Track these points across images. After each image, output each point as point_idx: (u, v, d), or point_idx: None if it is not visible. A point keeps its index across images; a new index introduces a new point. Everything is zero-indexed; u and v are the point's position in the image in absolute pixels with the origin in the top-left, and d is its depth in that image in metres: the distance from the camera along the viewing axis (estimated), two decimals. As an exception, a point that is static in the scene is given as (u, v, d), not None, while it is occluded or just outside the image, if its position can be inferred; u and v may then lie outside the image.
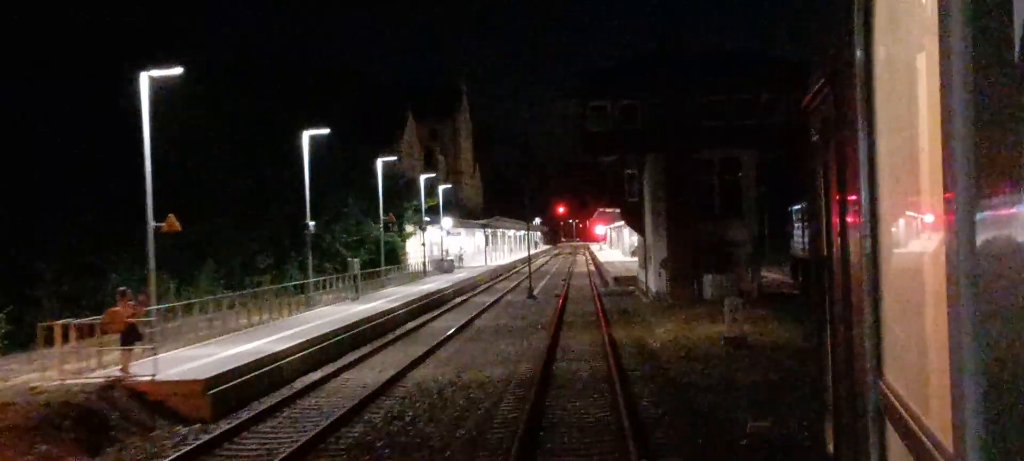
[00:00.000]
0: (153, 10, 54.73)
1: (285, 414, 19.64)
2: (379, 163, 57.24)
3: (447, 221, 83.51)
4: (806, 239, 48.93)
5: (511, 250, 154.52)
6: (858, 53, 3.20)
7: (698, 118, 44.79)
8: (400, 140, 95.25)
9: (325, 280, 52.35)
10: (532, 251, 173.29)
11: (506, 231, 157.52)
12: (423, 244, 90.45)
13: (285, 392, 21.96)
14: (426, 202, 76.65)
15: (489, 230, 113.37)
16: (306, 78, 74.50)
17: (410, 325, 38.02)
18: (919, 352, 2.73)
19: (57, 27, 44.00)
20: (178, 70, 29.30)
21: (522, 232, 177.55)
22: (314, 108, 75.79)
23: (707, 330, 30.28)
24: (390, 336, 33.96)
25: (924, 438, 2.31)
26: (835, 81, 3.87)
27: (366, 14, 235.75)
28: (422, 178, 73.54)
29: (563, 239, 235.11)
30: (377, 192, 72.48)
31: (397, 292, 51.88)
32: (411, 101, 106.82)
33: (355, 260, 53.24)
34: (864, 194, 3.22)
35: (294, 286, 49.76)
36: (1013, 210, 1.50)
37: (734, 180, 46.51)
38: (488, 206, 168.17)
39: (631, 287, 57.81)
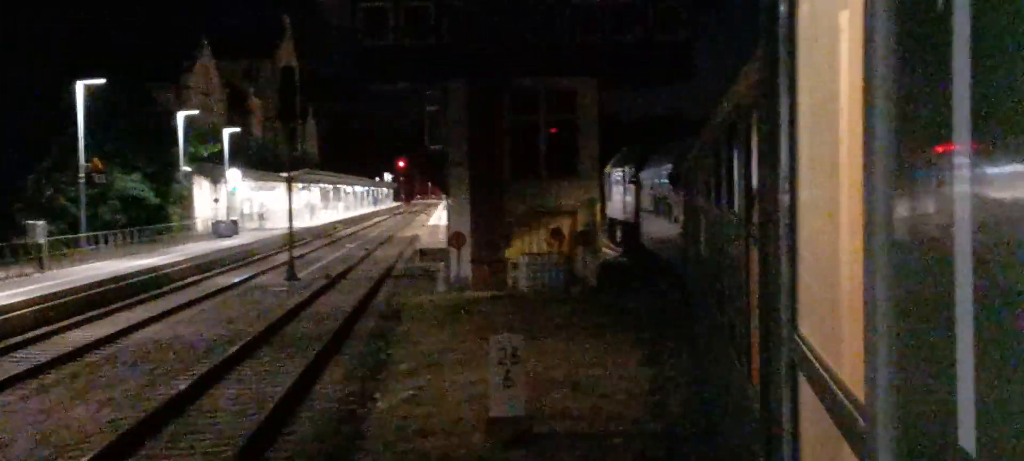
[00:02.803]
0: None
1: None
2: (79, 87, 41.18)
3: (234, 173, 67.71)
4: (628, 200, 42.16)
5: (347, 208, 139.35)
6: (781, 8, 3.27)
7: (515, 30, 30.89)
8: (189, 75, 78.68)
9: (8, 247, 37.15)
10: (371, 209, 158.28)
11: (342, 187, 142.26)
12: (216, 200, 75.25)
13: None
14: (201, 148, 60.95)
15: (303, 186, 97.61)
16: None
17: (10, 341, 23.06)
18: (834, 305, 2.77)
19: None
20: None
21: (361, 188, 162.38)
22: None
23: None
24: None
25: (837, 389, 2.29)
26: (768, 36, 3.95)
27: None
28: (182, 115, 57.31)
29: (417, 196, 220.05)
30: (146, 132, 56.94)
31: (95, 270, 36.73)
32: (215, 32, 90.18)
33: (39, 223, 37.75)
34: (784, 150, 3.26)
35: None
36: (931, 170, 1.49)
37: (568, 121, 32.82)
38: (327, 160, 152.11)
39: (441, 262, 43.81)
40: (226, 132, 67.13)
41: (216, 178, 72.91)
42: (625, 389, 15.95)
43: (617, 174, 47.49)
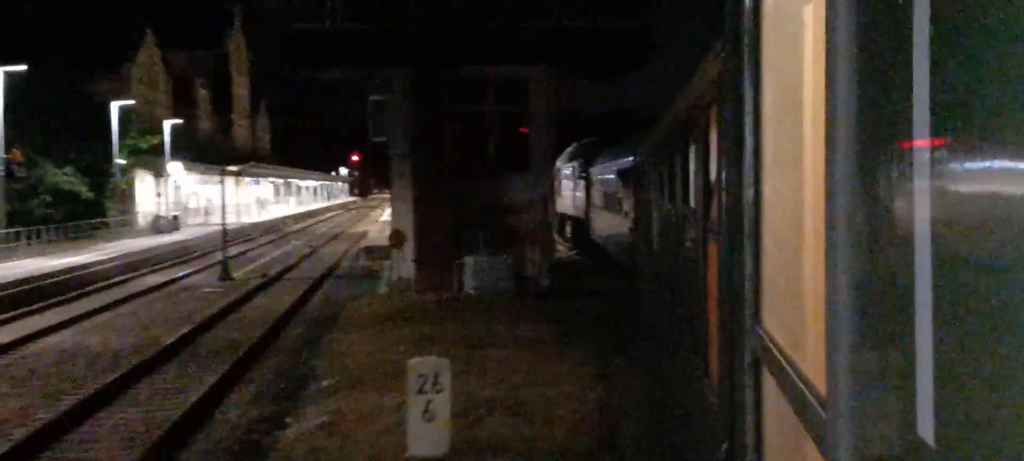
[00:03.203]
0: None
1: None
2: (-4, 74, 38.66)
3: (176, 166, 65.01)
4: (578, 195, 41.70)
5: (299, 203, 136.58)
6: (746, 1, 3.23)
7: (460, 14, 28.88)
8: (132, 65, 75.77)
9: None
10: (325, 203, 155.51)
11: (294, 181, 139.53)
12: (159, 195, 72.59)
13: None
14: (140, 140, 58.32)
15: (254, 180, 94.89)
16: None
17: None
18: (797, 298, 2.76)
19: None
20: None
21: (314, 182, 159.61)
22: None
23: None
24: None
25: (799, 381, 2.27)
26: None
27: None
28: (115, 106, 54.66)
29: (374, 191, 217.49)
30: (81, 124, 54.30)
31: (13, 269, 34.32)
32: (161, 21, 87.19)
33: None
34: (748, 143, 3.22)
35: None
36: (892, 164, 1.47)
37: (517, 112, 30.86)
38: (281, 153, 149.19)
39: (388, 261, 41.69)
40: (167, 124, 64.47)
41: (160, 171, 70.18)
42: (573, 411, 14.04)
43: (567, 169, 46.80)
